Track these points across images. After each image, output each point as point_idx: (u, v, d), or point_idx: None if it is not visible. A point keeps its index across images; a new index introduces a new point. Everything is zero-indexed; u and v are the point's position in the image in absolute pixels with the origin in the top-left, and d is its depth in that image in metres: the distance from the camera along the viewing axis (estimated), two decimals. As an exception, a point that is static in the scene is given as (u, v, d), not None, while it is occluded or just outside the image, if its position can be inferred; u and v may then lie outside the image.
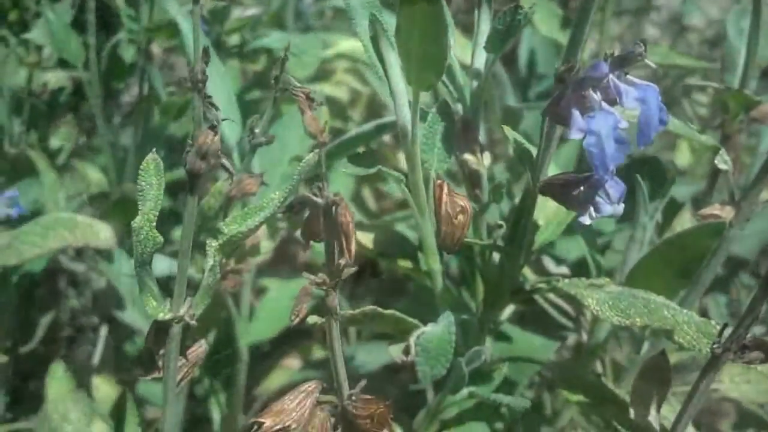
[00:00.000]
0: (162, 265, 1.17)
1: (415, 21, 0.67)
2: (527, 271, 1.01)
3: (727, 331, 0.63)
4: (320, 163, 0.62)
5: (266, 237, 1.00)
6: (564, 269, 1.06)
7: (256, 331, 1.34)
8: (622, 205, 0.69)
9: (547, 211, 0.88)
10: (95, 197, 1.48)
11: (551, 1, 1.42)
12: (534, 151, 0.76)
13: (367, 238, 0.96)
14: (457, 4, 2.18)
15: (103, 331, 1.49)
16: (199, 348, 0.77)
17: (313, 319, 0.73)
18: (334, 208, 0.61)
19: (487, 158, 0.85)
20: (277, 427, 0.65)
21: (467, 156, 0.85)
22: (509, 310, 0.98)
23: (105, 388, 1.27)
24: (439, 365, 0.78)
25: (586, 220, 0.69)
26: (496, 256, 0.88)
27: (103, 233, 1.17)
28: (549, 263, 1.07)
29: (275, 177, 1.18)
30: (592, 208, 0.69)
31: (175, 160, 1.48)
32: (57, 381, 1.14)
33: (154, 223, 0.69)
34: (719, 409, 1.43)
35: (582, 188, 0.70)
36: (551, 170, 0.91)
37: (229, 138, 1.14)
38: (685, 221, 1.05)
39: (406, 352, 0.78)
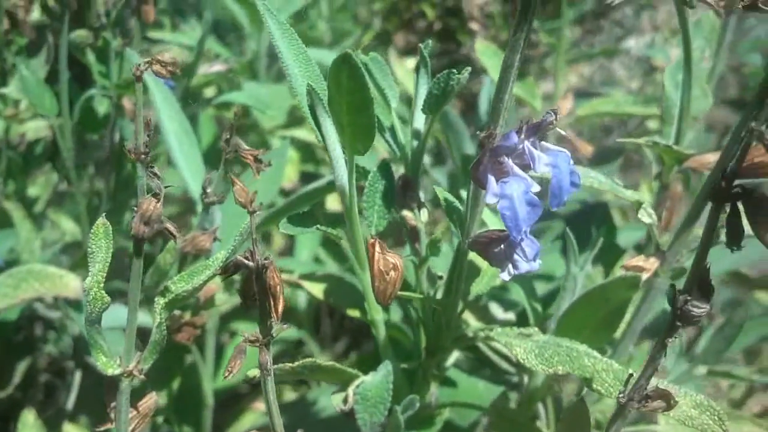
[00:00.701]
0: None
1: (341, 95, 0.72)
2: (471, 318, 1.05)
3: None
4: (251, 230, 0.67)
5: (221, 290, 1.04)
6: (511, 315, 1.10)
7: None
8: (538, 262, 0.73)
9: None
10: (69, 246, 1.52)
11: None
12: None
13: (317, 289, 1.01)
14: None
15: (78, 376, 1.53)
16: (150, 400, 0.81)
17: (252, 372, 0.77)
18: (264, 271, 0.66)
19: (424, 214, 0.90)
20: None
21: (406, 213, 0.90)
22: (455, 355, 1.02)
23: (75, 434, 1.30)
24: (377, 413, 0.82)
25: (505, 276, 0.74)
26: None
27: (72, 284, 1.21)
28: (497, 309, 1.11)
29: (240, 227, 1.23)
30: (510, 265, 0.74)
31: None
32: (28, 429, 1.18)
33: (102, 284, 0.74)
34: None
35: (502, 246, 0.74)
36: (495, 224, 0.96)
37: (194, 191, 1.19)
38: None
39: (345, 400, 0.82)
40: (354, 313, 0.98)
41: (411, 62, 2.11)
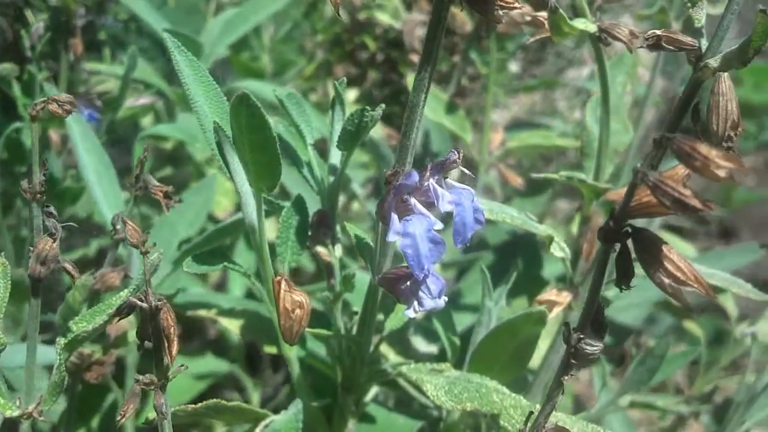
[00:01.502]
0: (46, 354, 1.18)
1: (243, 134, 0.72)
2: (390, 352, 1.05)
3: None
4: (146, 273, 0.66)
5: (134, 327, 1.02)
6: (434, 348, 1.10)
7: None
8: (444, 299, 0.73)
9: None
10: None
11: (437, 86, 1.50)
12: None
13: (235, 324, 0.99)
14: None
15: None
16: (51, 443, 0.79)
17: (152, 415, 0.76)
18: (157, 313, 0.65)
19: (338, 250, 0.90)
20: None
21: (319, 248, 0.89)
22: (376, 390, 1.01)
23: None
24: (286, 453, 0.81)
25: (410, 313, 0.74)
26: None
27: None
28: (420, 342, 1.11)
29: (165, 261, 1.21)
30: (416, 302, 0.74)
31: (73, 241, 1.53)
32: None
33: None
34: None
35: (408, 283, 0.74)
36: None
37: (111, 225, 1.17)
38: (545, 300, 1.11)
39: (253, 441, 0.81)
40: (271, 349, 0.97)
41: (351, 93, 2.12)
